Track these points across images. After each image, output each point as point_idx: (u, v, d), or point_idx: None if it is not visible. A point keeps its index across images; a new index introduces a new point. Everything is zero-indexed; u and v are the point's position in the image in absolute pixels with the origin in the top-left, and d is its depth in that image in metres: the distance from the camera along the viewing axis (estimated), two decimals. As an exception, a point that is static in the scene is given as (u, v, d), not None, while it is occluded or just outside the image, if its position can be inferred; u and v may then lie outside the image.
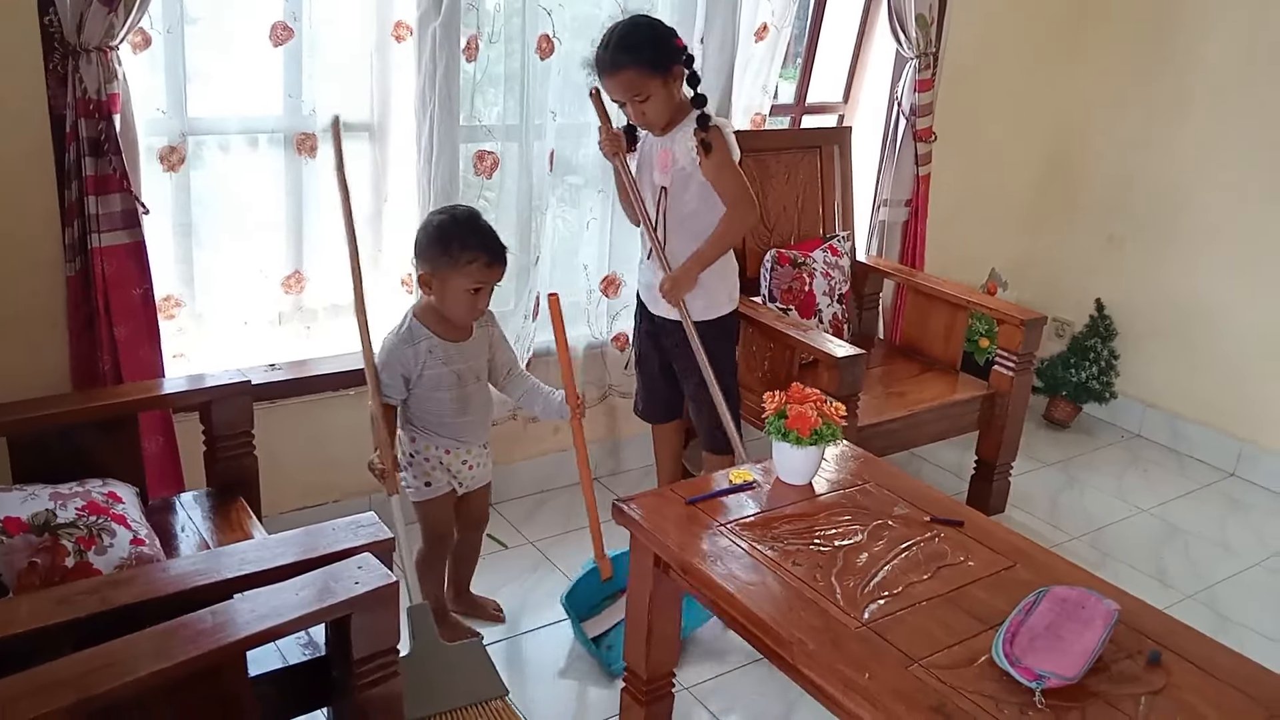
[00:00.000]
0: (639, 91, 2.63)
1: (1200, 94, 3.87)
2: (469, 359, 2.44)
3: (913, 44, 3.56)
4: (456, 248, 2.30)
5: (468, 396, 2.46)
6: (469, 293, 2.33)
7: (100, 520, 1.90)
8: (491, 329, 2.53)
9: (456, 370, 2.41)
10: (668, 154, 2.76)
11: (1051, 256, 4.41)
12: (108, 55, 2.22)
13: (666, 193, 2.79)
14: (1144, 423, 4.18)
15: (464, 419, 2.47)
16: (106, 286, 2.34)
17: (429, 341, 2.39)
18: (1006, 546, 2.18)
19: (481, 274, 2.32)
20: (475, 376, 2.47)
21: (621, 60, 2.60)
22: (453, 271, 2.31)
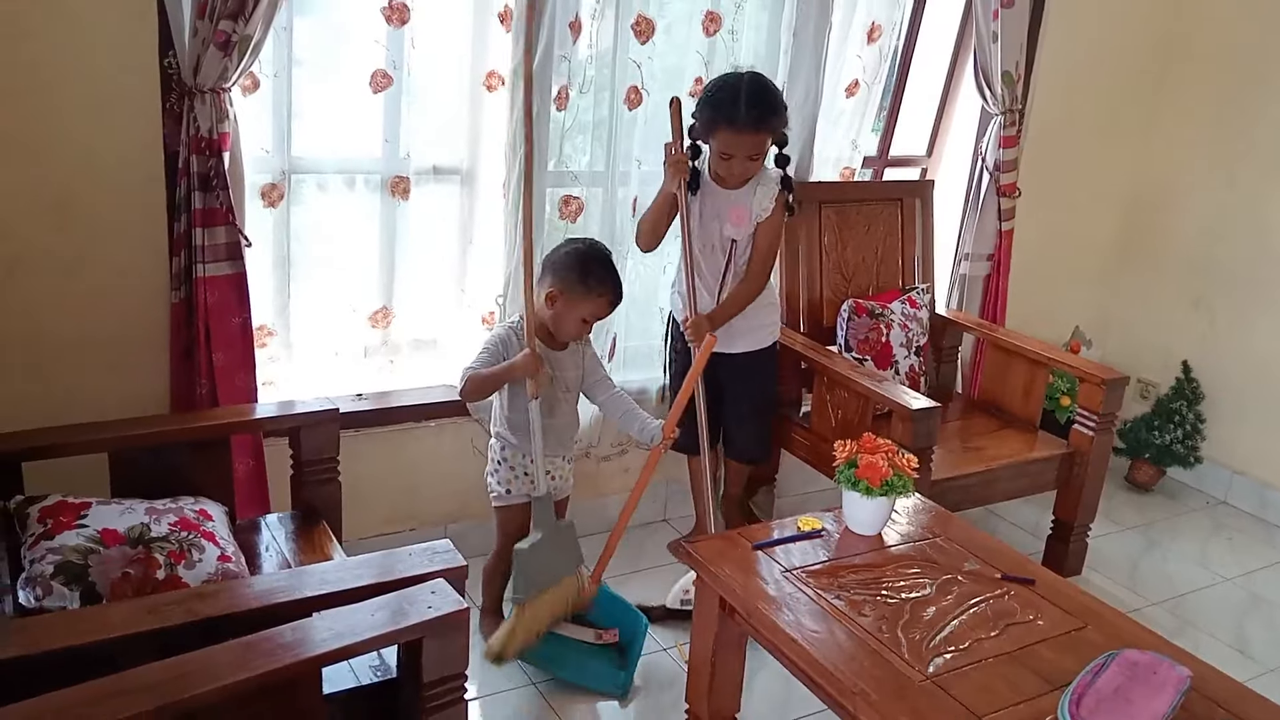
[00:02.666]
0: (760, 150, 2.76)
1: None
2: (561, 368, 2.61)
3: (998, 100, 3.57)
4: (593, 280, 2.52)
5: (555, 400, 2.61)
6: (583, 321, 2.56)
7: (191, 536, 1.99)
8: (585, 347, 2.68)
9: (550, 374, 2.57)
10: (743, 209, 2.83)
11: (1137, 316, 4.34)
12: (221, 96, 2.35)
13: (736, 246, 2.89)
14: (1230, 489, 4.06)
15: (551, 421, 2.59)
16: (208, 315, 2.46)
17: (541, 347, 2.57)
18: (1078, 607, 2.15)
19: (603, 309, 2.57)
20: (565, 387, 2.63)
21: (767, 122, 2.72)
22: (581, 298, 2.52)
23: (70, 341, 2.43)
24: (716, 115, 2.71)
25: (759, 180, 2.83)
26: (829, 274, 3.39)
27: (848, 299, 3.33)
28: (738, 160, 2.74)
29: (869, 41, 3.31)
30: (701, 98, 2.79)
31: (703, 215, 2.88)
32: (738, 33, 3.10)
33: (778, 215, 2.87)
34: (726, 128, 2.70)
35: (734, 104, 2.67)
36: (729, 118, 2.69)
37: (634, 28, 2.90)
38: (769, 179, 2.84)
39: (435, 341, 3.10)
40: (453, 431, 3.02)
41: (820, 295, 3.37)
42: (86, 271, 2.42)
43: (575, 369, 2.66)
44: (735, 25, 3.09)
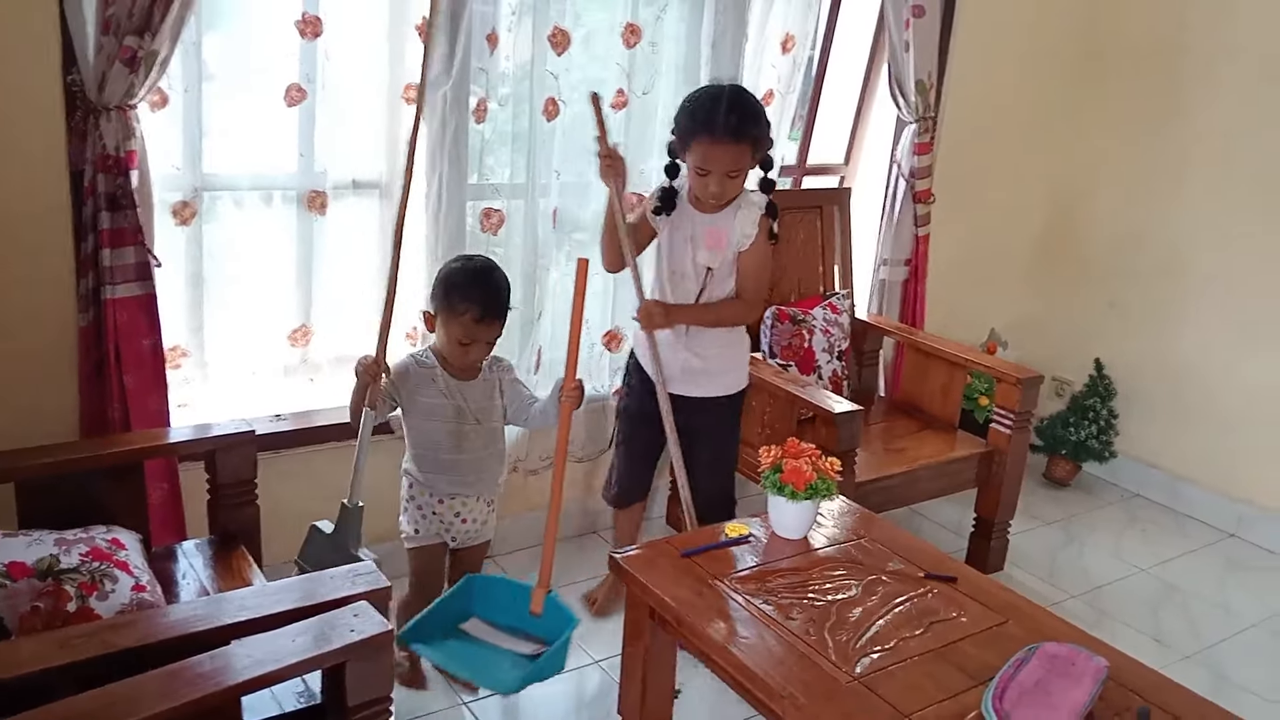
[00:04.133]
0: (739, 166, 2.53)
1: (1198, 160, 3.94)
2: (471, 399, 2.48)
3: (912, 108, 3.64)
4: (455, 297, 2.38)
5: (463, 435, 2.48)
6: (459, 344, 2.41)
7: (103, 566, 1.93)
8: (500, 374, 2.55)
9: (456, 405, 2.46)
10: (720, 233, 2.61)
11: (1051, 317, 4.45)
12: (127, 114, 2.30)
13: (711, 274, 2.66)
14: (1144, 482, 4.19)
15: (458, 457, 2.48)
16: (117, 337, 2.39)
17: (434, 370, 2.47)
18: (999, 603, 2.20)
19: (470, 328, 2.38)
20: (475, 419, 2.49)
21: (747, 132, 2.50)
22: (448, 318, 2.40)
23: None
24: (694, 124, 2.51)
25: (740, 204, 2.60)
26: (751, 282, 3.42)
27: (771, 306, 3.36)
28: (715, 177, 2.51)
29: (783, 52, 3.35)
30: (679, 109, 2.59)
31: (675, 239, 2.66)
32: (658, 44, 3.12)
33: (762, 242, 2.61)
34: (704, 137, 2.49)
35: (713, 111, 2.48)
36: (707, 126, 2.48)
37: (550, 39, 2.90)
38: (751, 203, 2.60)
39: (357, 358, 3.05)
40: (378, 450, 2.96)
41: (743, 303, 3.39)
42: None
43: (488, 399, 2.51)
44: (655, 37, 3.11)
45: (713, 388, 2.76)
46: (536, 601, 2.38)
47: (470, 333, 2.39)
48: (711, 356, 2.73)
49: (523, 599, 2.38)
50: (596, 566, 3.19)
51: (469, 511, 2.57)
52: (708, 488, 2.81)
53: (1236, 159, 3.83)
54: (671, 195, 2.66)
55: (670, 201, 2.66)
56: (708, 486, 2.81)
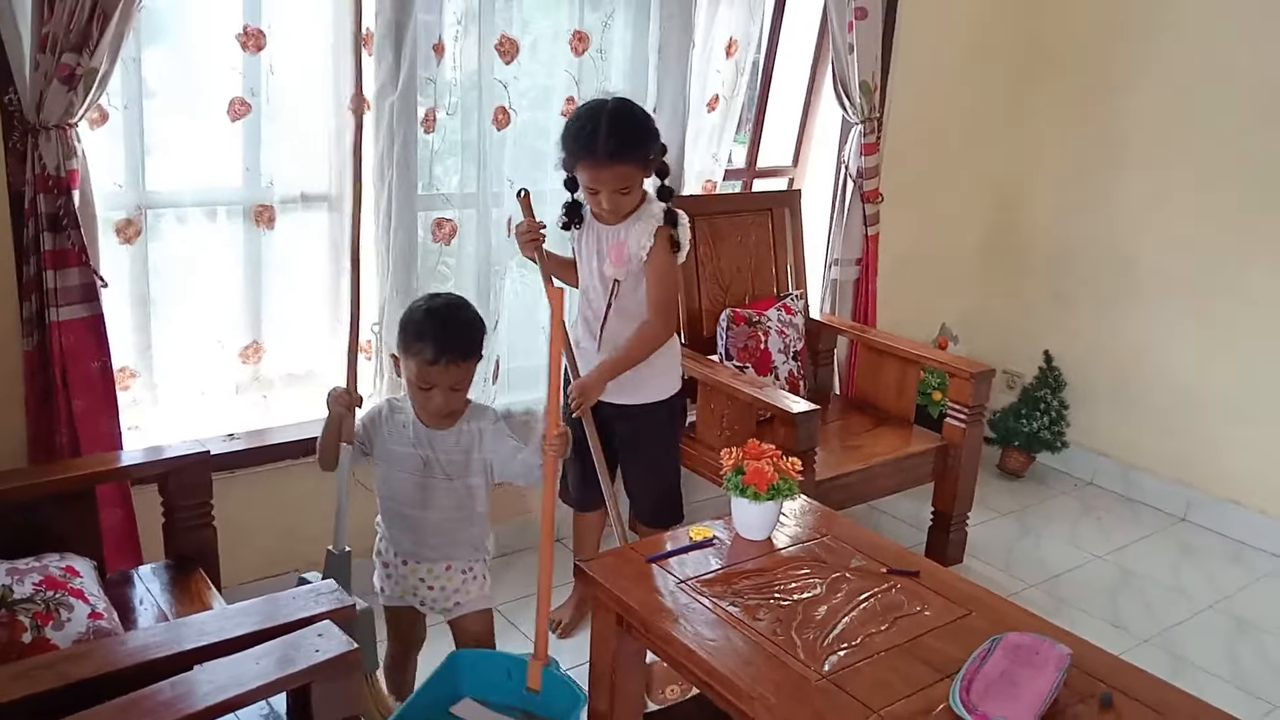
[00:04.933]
0: (628, 184, 2.51)
1: (1134, 155, 4.03)
2: (442, 450, 2.26)
3: (857, 109, 3.68)
4: (410, 336, 2.17)
5: (430, 489, 2.26)
6: (418, 388, 2.19)
7: (57, 595, 1.88)
8: (481, 425, 2.28)
9: (423, 456, 2.25)
10: (623, 246, 2.61)
11: (1000, 311, 4.52)
12: (67, 132, 2.25)
13: (619, 286, 2.65)
14: (1096, 471, 4.27)
15: (423, 514, 2.28)
16: (64, 360, 2.34)
17: (407, 417, 2.28)
18: (961, 595, 2.22)
19: (424, 371, 2.15)
20: (445, 473, 2.26)
21: (626, 154, 2.48)
22: (405, 360, 2.20)
23: (-87, 396, 2.29)
24: (576, 148, 2.49)
25: (639, 215, 2.59)
26: (706, 285, 3.44)
27: (726, 308, 3.37)
28: (605, 195, 2.51)
29: (727, 56, 3.37)
30: (564, 129, 2.56)
31: (582, 251, 2.69)
32: (606, 51, 3.12)
33: (661, 252, 2.58)
34: (586, 160, 2.48)
35: (593, 135, 2.45)
36: (588, 150, 2.46)
37: (498, 48, 2.89)
38: (648, 214, 2.58)
39: (310, 374, 3.02)
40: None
41: (699, 306, 3.41)
42: (-73, 321, 2.28)
43: (462, 453, 2.27)
44: (603, 44, 3.11)
45: (644, 394, 2.74)
46: (533, 677, 2.18)
47: (425, 375, 2.16)
48: (639, 365, 2.70)
49: (518, 674, 2.19)
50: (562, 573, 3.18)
51: (435, 579, 2.34)
52: (654, 491, 2.85)
53: (1170, 152, 3.92)
54: (576, 208, 2.67)
55: (575, 214, 2.68)
56: (654, 490, 2.85)
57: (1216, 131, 3.78)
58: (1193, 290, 3.91)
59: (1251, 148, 3.70)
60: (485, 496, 2.33)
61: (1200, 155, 3.84)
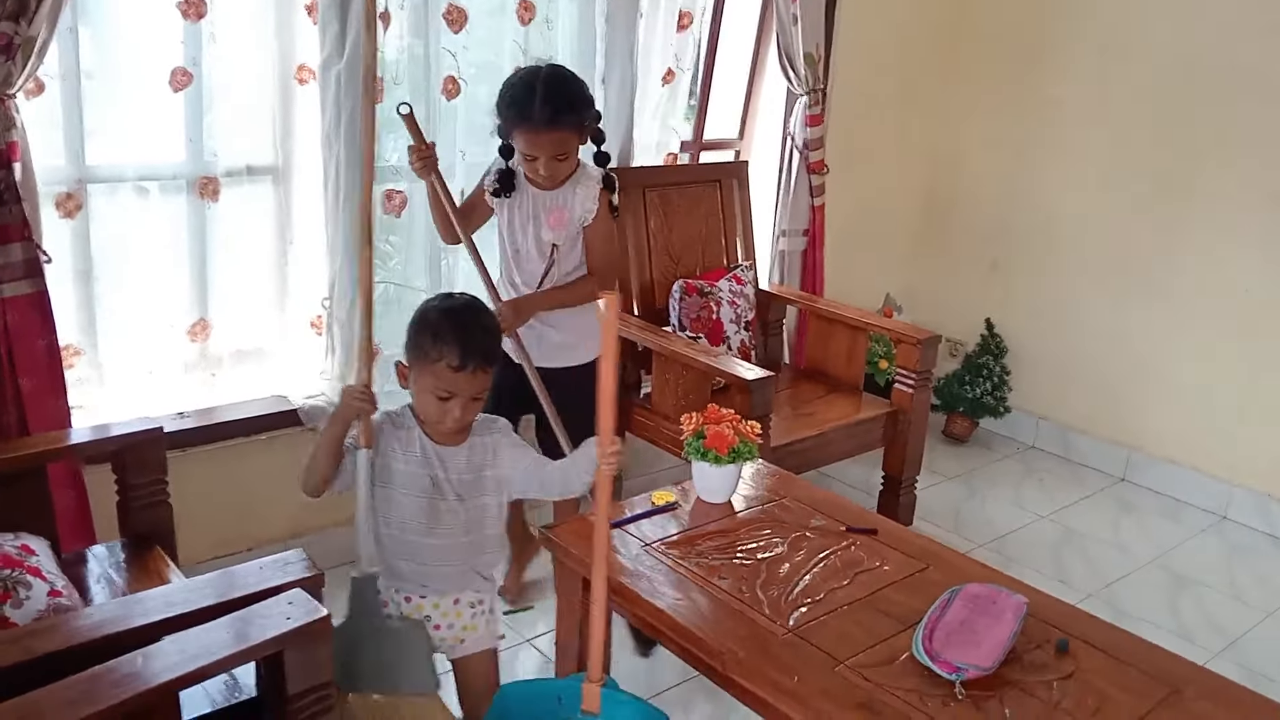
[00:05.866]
0: (565, 150, 2.53)
1: (1062, 126, 4.13)
2: (452, 469, 2.03)
3: (802, 81, 3.71)
4: (428, 340, 1.94)
5: (438, 513, 2.02)
6: (436, 397, 1.95)
7: (14, 573, 1.84)
8: (488, 438, 2.06)
9: (432, 476, 2.02)
10: (563, 211, 2.63)
11: (941, 281, 4.60)
12: (6, 104, 2.19)
13: (557, 250, 2.66)
14: (1038, 435, 4.37)
15: (427, 541, 2.03)
16: (9, 338, 2.28)
17: (414, 433, 2.03)
18: (918, 550, 2.27)
19: (447, 378, 1.92)
20: (457, 494, 2.03)
21: (562, 119, 2.48)
22: (421, 368, 1.95)
23: None
24: (512, 114, 2.49)
25: (578, 179, 2.62)
26: (657, 256, 3.44)
27: (678, 280, 3.39)
28: (543, 161, 2.52)
29: (679, 29, 3.37)
30: (498, 96, 2.55)
31: (515, 218, 2.66)
32: (553, 21, 3.10)
33: (603, 216, 2.65)
34: (523, 127, 2.48)
35: (528, 102, 2.45)
36: (524, 116, 2.46)
37: (445, 16, 2.87)
38: (588, 178, 2.63)
39: (260, 351, 2.98)
40: (285, 443, 2.90)
41: (650, 277, 3.42)
42: None
43: (474, 471, 2.04)
44: (549, 14, 3.09)
45: (576, 356, 2.73)
46: (590, 699, 1.89)
47: (448, 383, 1.92)
48: (570, 328, 2.71)
49: (570, 699, 1.92)
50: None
51: (442, 616, 2.09)
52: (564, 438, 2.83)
53: (1096, 121, 4.02)
54: (509, 176, 2.64)
55: (509, 182, 2.64)
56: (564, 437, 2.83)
57: (1140, 99, 3.89)
58: (1119, 254, 4.02)
59: (1174, 113, 3.81)
60: (498, 518, 2.10)
61: (1117, 129, 3.95)
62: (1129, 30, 3.89)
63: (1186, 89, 3.77)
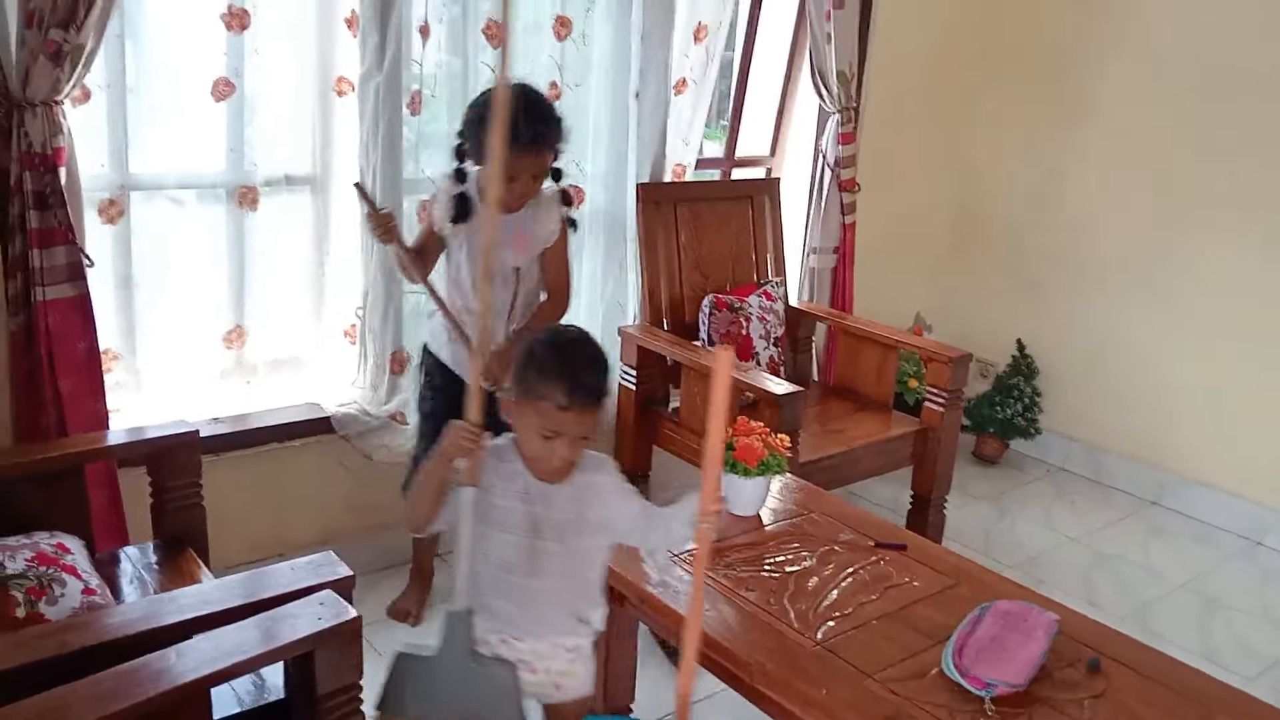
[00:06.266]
0: (544, 168, 2.52)
1: (1096, 142, 4.11)
2: (555, 508, 1.86)
3: (835, 99, 3.72)
4: (534, 376, 1.80)
5: (541, 554, 1.86)
6: (541, 436, 1.80)
7: (50, 571, 1.87)
8: (594, 477, 1.89)
9: (533, 514, 1.86)
10: (525, 234, 2.58)
11: (971, 300, 4.58)
12: (53, 110, 2.23)
13: (519, 273, 2.63)
14: (1069, 457, 4.33)
15: (533, 582, 1.86)
16: (50, 340, 2.32)
17: (517, 468, 1.87)
18: (948, 567, 2.26)
19: (554, 418, 1.77)
20: (558, 536, 1.86)
21: (546, 138, 2.47)
22: (526, 404, 1.81)
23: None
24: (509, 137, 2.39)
25: (537, 200, 2.58)
26: (688, 271, 3.46)
27: (708, 295, 3.40)
28: (521, 182, 2.47)
29: (695, 41, 3.39)
30: (470, 118, 2.49)
31: (475, 243, 2.55)
32: (588, 37, 3.13)
33: (563, 235, 2.65)
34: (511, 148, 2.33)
35: (514, 123, 2.30)
36: (511, 137, 2.34)
37: (485, 32, 2.90)
38: (547, 198, 2.60)
39: (295, 359, 3.01)
40: (317, 450, 2.93)
41: (680, 292, 3.43)
42: (-91, 300, 2.25)
43: (576, 512, 1.87)
44: (585, 30, 3.12)
45: None
46: None
47: (554, 422, 1.78)
48: None
49: None
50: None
51: (538, 660, 1.93)
52: None
53: (1130, 143, 4.00)
54: (466, 201, 2.56)
55: (465, 208, 2.56)
56: None
57: (1177, 117, 3.86)
58: (1155, 275, 3.98)
59: (1209, 129, 3.78)
60: (602, 562, 1.96)
61: (1155, 143, 3.92)
62: (1162, 43, 3.87)
63: (1225, 102, 3.73)
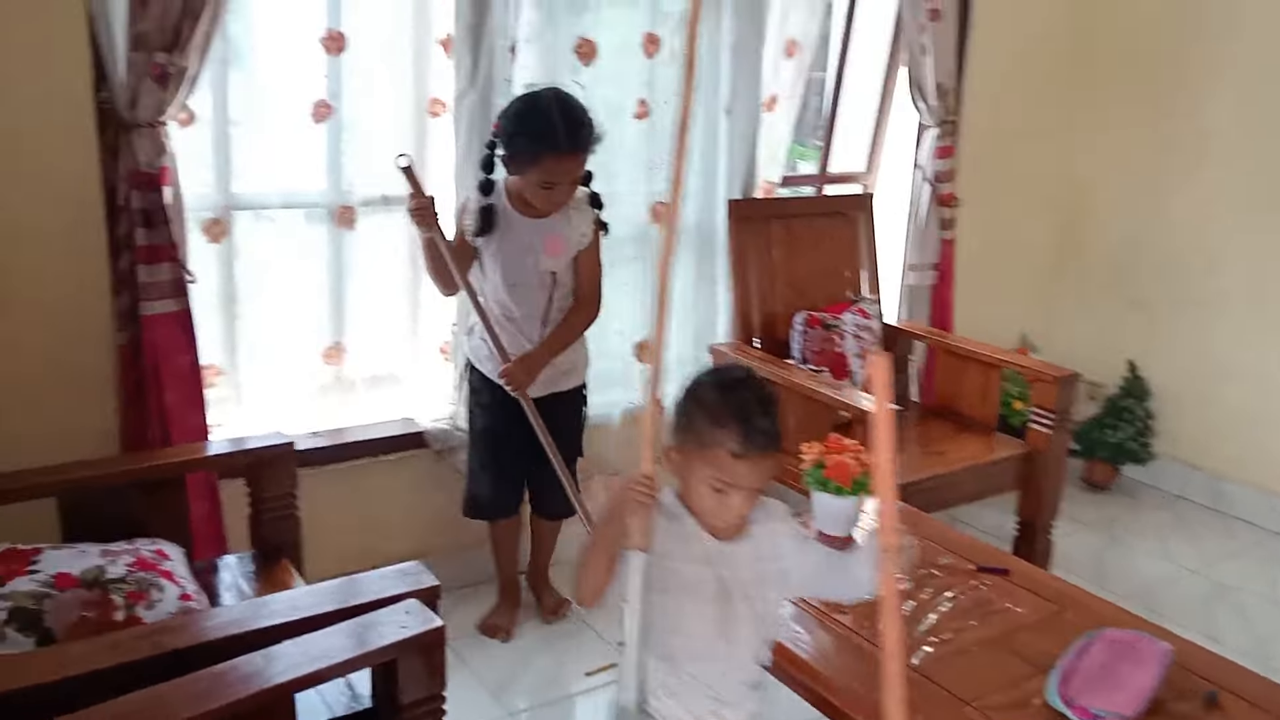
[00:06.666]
0: (580, 174, 2.55)
1: (1209, 154, 3.92)
2: (740, 568, 1.65)
3: (933, 112, 3.64)
4: (703, 422, 1.58)
5: (734, 620, 1.65)
6: (712, 489, 1.59)
7: (149, 576, 1.91)
8: (770, 526, 1.69)
9: (720, 577, 1.64)
10: (559, 238, 2.61)
11: (1078, 320, 4.40)
12: (158, 130, 2.31)
13: (555, 278, 2.66)
14: (1186, 484, 4.12)
15: (726, 647, 1.66)
16: (155, 355, 2.39)
17: (691, 526, 1.64)
18: (1053, 593, 2.16)
19: (725, 466, 1.56)
20: (746, 597, 1.66)
21: (586, 141, 2.50)
22: (694, 454, 1.60)
23: (10, 388, 2.35)
24: (537, 145, 2.45)
25: (571, 205, 2.60)
26: (780, 288, 3.41)
27: (800, 312, 3.34)
28: (561, 188, 2.51)
29: (787, 56, 3.35)
30: (508, 128, 2.50)
31: (508, 251, 2.60)
32: (678, 53, 3.12)
33: (596, 239, 2.67)
34: (550, 155, 2.45)
35: (553, 130, 2.43)
36: (552, 145, 2.43)
37: (576, 50, 2.92)
38: (580, 203, 2.63)
39: (392, 376, 3.05)
40: (411, 464, 2.96)
41: (773, 309, 3.38)
42: (26, 313, 2.35)
43: (755, 569, 1.66)
44: (675, 47, 3.11)
45: (571, 380, 2.80)
46: None
47: (728, 473, 1.57)
48: (564, 355, 2.72)
49: None
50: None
51: None
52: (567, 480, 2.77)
53: (1250, 152, 3.80)
54: (491, 212, 2.59)
55: (490, 219, 2.59)
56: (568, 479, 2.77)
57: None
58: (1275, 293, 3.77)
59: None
60: (779, 617, 1.79)
61: (1271, 149, 3.72)
62: (1275, 51, 3.69)
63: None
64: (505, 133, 2.52)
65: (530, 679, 2.76)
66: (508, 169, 2.58)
